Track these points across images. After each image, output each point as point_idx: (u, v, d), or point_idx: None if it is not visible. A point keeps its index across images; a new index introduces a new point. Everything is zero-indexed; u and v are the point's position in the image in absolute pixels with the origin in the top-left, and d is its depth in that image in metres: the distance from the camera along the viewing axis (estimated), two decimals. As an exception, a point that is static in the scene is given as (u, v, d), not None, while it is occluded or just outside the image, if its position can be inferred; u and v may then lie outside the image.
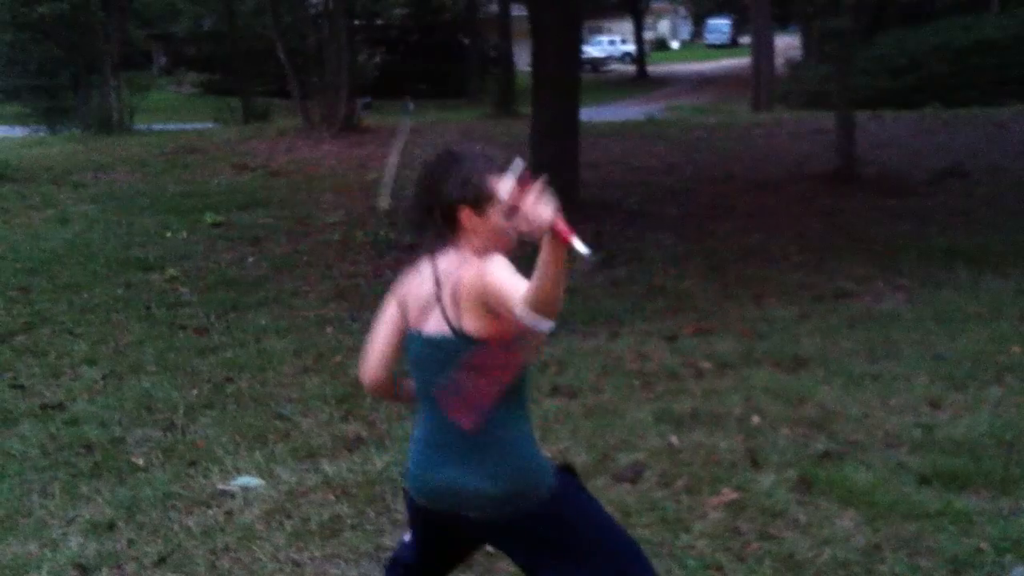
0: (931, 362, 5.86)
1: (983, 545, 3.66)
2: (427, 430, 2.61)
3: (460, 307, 2.47)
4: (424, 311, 2.56)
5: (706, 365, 5.95)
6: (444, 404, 2.54)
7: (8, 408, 5.57)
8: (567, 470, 2.69)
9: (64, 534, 4.07)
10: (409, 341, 2.62)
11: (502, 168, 2.49)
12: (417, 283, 2.61)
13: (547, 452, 2.56)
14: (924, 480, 4.25)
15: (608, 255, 8.66)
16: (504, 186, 2.36)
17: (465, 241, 2.55)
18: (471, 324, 2.46)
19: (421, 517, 2.68)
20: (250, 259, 9.34)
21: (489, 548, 2.98)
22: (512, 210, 2.31)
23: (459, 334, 2.47)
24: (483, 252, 2.50)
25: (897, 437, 4.76)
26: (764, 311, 7.17)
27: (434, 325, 2.53)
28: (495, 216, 2.53)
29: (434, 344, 2.53)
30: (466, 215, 2.53)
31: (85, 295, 8.02)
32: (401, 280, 2.66)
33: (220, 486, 4.45)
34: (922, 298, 7.41)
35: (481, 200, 2.52)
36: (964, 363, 5.79)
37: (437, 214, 2.56)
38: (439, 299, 2.52)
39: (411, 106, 32.03)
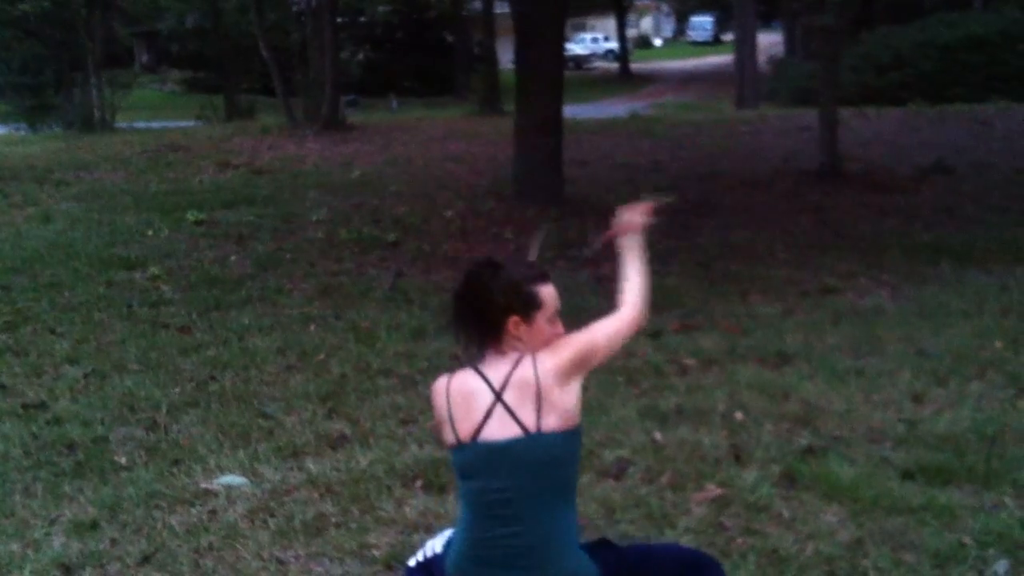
0: (915, 358, 5.88)
1: (966, 539, 3.67)
2: (476, 544, 2.56)
3: (544, 404, 2.48)
4: (480, 423, 2.54)
5: (691, 361, 5.95)
6: None
7: (-11, 408, 5.52)
8: (601, 545, 2.70)
9: (47, 534, 4.03)
10: (461, 452, 2.59)
11: (541, 275, 2.62)
12: (462, 396, 2.59)
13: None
14: (907, 475, 4.26)
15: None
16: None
17: (509, 347, 2.58)
18: (553, 420, 2.49)
19: None
20: (233, 257, 9.30)
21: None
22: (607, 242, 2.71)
23: (536, 433, 2.48)
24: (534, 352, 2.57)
25: (881, 432, 4.77)
26: (749, 307, 7.18)
27: (498, 432, 2.51)
28: (541, 323, 2.58)
29: (499, 450, 2.51)
30: (514, 323, 2.56)
31: (67, 294, 7.97)
32: (438, 394, 2.66)
33: (204, 485, 4.43)
34: (906, 294, 7.44)
35: (530, 309, 2.57)
36: (947, 358, 5.81)
37: (484, 323, 2.60)
38: (504, 405, 2.51)
39: (395, 104, 32.04)
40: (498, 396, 2.52)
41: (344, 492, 4.27)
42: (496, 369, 2.56)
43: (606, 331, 2.63)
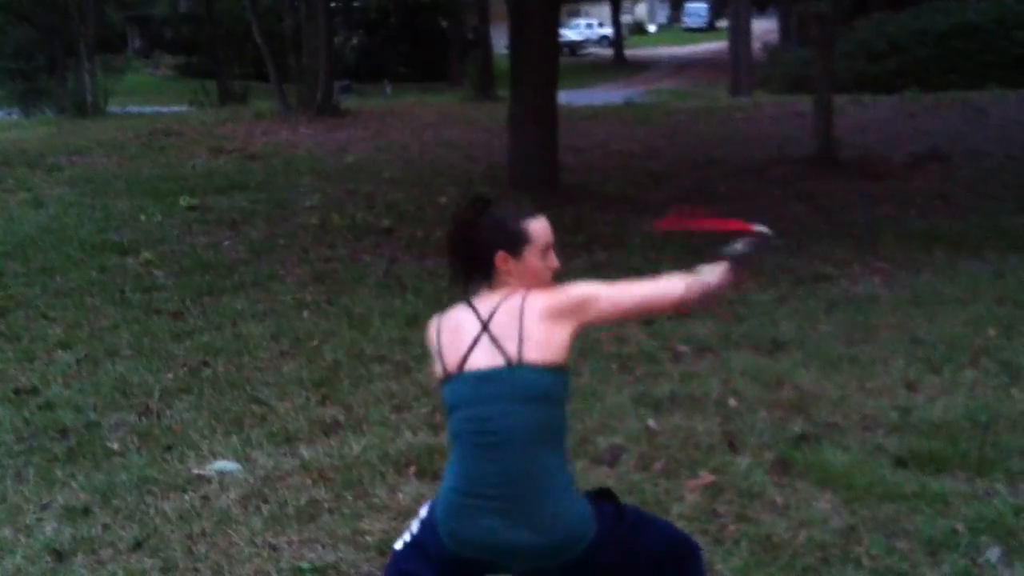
0: (908, 345, 5.88)
1: (959, 527, 3.68)
2: (463, 479, 2.55)
3: (524, 336, 2.50)
4: (466, 352, 2.56)
5: (684, 348, 5.95)
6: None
7: (-19, 393, 5.50)
8: (603, 496, 2.69)
9: (39, 519, 4.03)
10: (449, 384, 2.60)
11: (531, 212, 2.64)
12: (451, 328, 2.62)
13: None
14: (901, 462, 4.26)
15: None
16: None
17: (500, 284, 2.61)
18: (535, 353, 2.49)
19: (449, 562, 2.59)
20: (226, 243, 9.27)
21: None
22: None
23: (517, 364, 2.49)
24: (528, 288, 2.59)
25: (874, 419, 4.77)
26: (743, 294, 7.17)
27: (482, 360, 2.53)
28: (531, 258, 2.60)
29: (483, 378, 2.52)
30: (502, 259, 2.58)
31: (59, 279, 7.94)
32: (430, 332, 2.68)
33: (196, 471, 4.42)
34: (900, 281, 7.44)
35: (518, 244, 2.59)
36: (941, 346, 5.82)
37: (474, 260, 2.62)
38: (490, 334, 2.54)
39: (389, 90, 31.97)
40: (484, 326, 2.55)
41: (337, 478, 4.27)
42: (487, 303, 2.59)
43: (619, 292, 2.67)
